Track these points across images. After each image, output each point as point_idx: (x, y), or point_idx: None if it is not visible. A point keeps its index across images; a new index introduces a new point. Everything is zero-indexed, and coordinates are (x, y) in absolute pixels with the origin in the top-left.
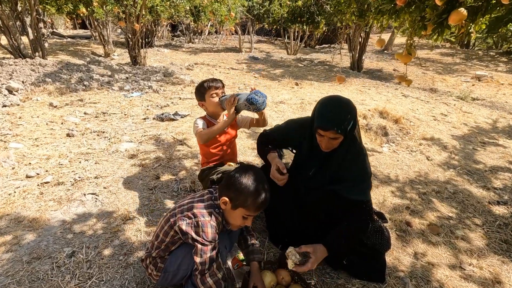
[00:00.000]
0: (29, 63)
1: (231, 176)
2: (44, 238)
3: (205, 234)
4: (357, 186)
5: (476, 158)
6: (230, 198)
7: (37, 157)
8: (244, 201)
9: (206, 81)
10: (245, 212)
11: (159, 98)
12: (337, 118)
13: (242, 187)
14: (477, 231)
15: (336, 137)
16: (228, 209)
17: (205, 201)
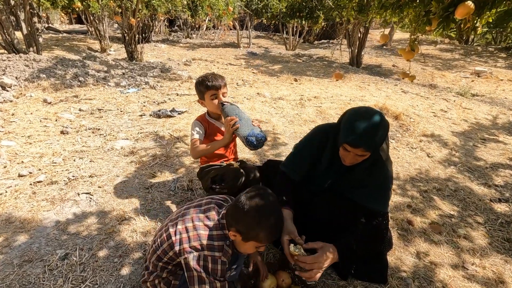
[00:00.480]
0: (22, 59)
1: (238, 207)
2: (36, 240)
3: (214, 272)
4: (377, 195)
5: (476, 155)
6: (240, 232)
7: (30, 155)
8: (256, 236)
9: (206, 78)
10: (257, 244)
11: (156, 94)
12: (369, 135)
13: (252, 222)
14: (479, 229)
15: (365, 154)
16: (239, 241)
17: (213, 228)
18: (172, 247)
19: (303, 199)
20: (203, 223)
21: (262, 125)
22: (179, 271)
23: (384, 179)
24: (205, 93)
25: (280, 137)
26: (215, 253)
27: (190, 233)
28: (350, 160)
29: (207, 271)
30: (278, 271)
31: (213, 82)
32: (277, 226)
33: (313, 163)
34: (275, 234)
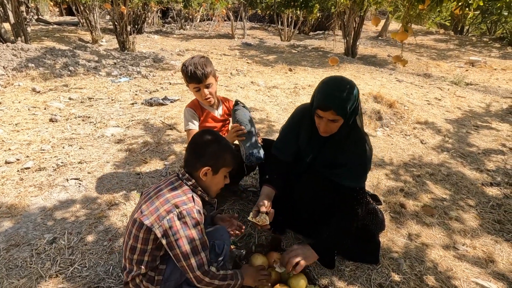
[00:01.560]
0: (10, 48)
1: (197, 146)
2: (23, 224)
3: (196, 227)
4: (352, 173)
5: (469, 141)
6: (209, 165)
7: (17, 142)
8: (225, 160)
9: (186, 69)
10: (226, 170)
11: (148, 83)
12: (338, 97)
13: (216, 149)
14: (470, 212)
15: (336, 119)
16: (210, 178)
17: (178, 188)
18: (142, 225)
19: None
20: (168, 190)
21: (256, 113)
22: (160, 266)
23: (361, 154)
24: (188, 85)
25: (275, 125)
26: (188, 205)
27: (155, 203)
28: (324, 127)
29: (188, 234)
30: (270, 252)
31: (193, 74)
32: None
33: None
34: (235, 156)
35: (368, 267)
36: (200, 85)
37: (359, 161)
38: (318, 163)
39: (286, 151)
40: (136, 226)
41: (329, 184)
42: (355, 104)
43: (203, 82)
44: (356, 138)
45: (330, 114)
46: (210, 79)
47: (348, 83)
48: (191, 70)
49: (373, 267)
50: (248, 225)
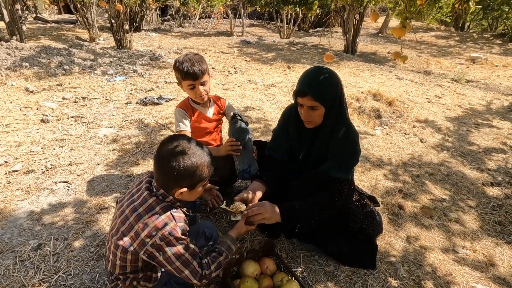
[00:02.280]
0: (4, 47)
1: (167, 165)
2: (8, 230)
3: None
4: (338, 164)
5: (470, 139)
6: (186, 185)
7: (6, 144)
8: (201, 174)
9: (181, 65)
10: (204, 183)
11: (144, 82)
12: (315, 83)
13: (190, 166)
14: (470, 213)
15: (314, 105)
16: (187, 195)
17: (155, 206)
18: (126, 250)
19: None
20: (146, 214)
21: (253, 112)
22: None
23: (347, 148)
24: (182, 82)
25: (272, 124)
26: (169, 225)
27: (134, 228)
28: (304, 115)
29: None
30: (263, 258)
31: (190, 70)
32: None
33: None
34: (211, 161)
35: (364, 272)
36: (195, 82)
37: (347, 153)
38: (311, 160)
39: (279, 150)
40: (120, 250)
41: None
42: (335, 92)
43: (199, 79)
44: (343, 129)
45: (308, 100)
46: (205, 76)
47: (328, 71)
48: (187, 66)
49: (369, 272)
50: None
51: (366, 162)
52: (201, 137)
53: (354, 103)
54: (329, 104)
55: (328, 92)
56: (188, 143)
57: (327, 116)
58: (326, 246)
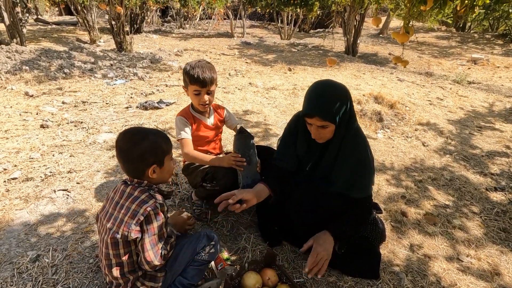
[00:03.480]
0: (4, 50)
1: (128, 152)
2: (6, 241)
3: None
4: (357, 183)
5: (472, 143)
6: (153, 162)
7: (5, 150)
8: (163, 149)
9: (192, 70)
10: (170, 156)
11: (144, 85)
12: (323, 103)
13: (149, 145)
14: (474, 219)
15: (324, 124)
16: (159, 172)
17: (133, 192)
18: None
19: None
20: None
21: (253, 116)
22: None
23: (359, 163)
24: (189, 86)
25: (272, 128)
26: (149, 203)
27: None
28: (314, 134)
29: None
30: (264, 269)
31: (200, 76)
32: (159, 131)
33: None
34: (165, 135)
35: (368, 282)
36: (202, 89)
37: (359, 169)
38: (318, 171)
39: (289, 162)
40: (112, 247)
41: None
42: (345, 107)
43: (206, 87)
44: (351, 142)
45: (316, 121)
46: (213, 86)
47: (333, 86)
48: (198, 72)
49: (373, 282)
50: (242, 238)
51: None
52: (201, 146)
53: (356, 106)
54: (339, 120)
55: (337, 110)
56: (137, 128)
57: (338, 129)
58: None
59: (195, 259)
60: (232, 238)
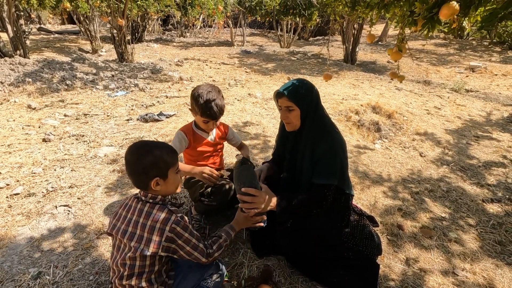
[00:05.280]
0: (8, 62)
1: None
2: (8, 258)
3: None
4: (319, 171)
5: (469, 153)
6: (158, 175)
7: (8, 165)
8: (165, 162)
9: (206, 104)
10: (175, 169)
11: (145, 97)
12: (290, 86)
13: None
14: (470, 232)
15: (290, 106)
16: (163, 184)
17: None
18: (144, 257)
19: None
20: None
21: (252, 127)
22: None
23: (328, 149)
24: (199, 114)
25: (271, 140)
26: (171, 218)
27: (144, 236)
28: (283, 116)
29: (185, 239)
30: (261, 285)
31: (212, 112)
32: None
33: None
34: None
35: None
36: (211, 122)
37: (328, 156)
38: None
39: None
40: (139, 260)
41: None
42: (310, 96)
43: (216, 120)
44: (318, 130)
45: (284, 101)
46: (220, 117)
47: (305, 81)
48: (210, 107)
49: None
50: (240, 253)
51: (366, 179)
52: (201, 160)
53: (354, 116)
54: (304, 107)
55: (302, 95)
56: (143, 142)
57: (304, 120)
58: (325, 277)
59: (201, 284)
60: (230, 253)
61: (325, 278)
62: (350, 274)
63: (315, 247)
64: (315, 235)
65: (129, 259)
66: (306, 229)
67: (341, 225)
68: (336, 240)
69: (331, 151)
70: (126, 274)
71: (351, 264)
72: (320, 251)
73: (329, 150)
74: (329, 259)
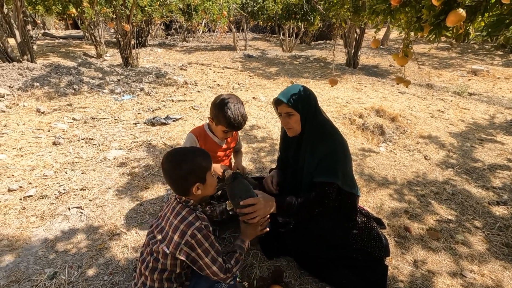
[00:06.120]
0: (16, 67)
1: (172, 174)
2: (24, 258)
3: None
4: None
5: (474, 156)
6: (196, 180)
7: (20, 168)
8: (202, 167)
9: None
10: (211, 171)
11: (151, 100)
12: (288, 92)
13: (189, 165)
14: (477, 234)
15: (289, 111)
16: (203, 188)
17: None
18: (166, 254)
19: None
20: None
21: (258, 131)
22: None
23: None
24: (221, 124)
25: (276, 143)
26: (195, 224)
27: (169, 233)
28: (284, 122)
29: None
30: (272, 286)
31: (239, 125)
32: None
33: None
34: (204, 151)
35: None
36: (231, 132)
37: (328, 157)
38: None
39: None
40: (161, 255)
41: None
42: (308, 101)
43: (238, 130)
44: (325, 142)
45: (284, 108)
46: None
47: (302, 87)
48: (236, 119)
49: None
50: (250, 254)
51: (371, 182)
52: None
53: (358, 120)
54: (303, 111)
55: (300, 100)
56: (178, 150)
57: (304, 125)
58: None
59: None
60: None
61: (334, 279)
62: (359, 275)
63: (320, 247)
64: (318, 235)
65: (156, 253)
66: (309, 228)
67: (348, 225)
68: (342, 240)
69: (331, 151)
70: (151, 266)
71: (360, 265)
72: (327, 252)
73: (329, 150)
74: (337, 260)
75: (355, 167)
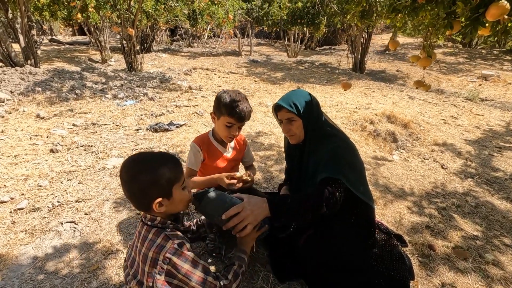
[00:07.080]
0: (18, 72)
1: (130, 185)
2: (9, 281)
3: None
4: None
5: (493, 165)
6: (160, 195)
7: (14, 177)
8: (167, 179)
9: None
10: (180, 184)
11: (154, 106)
12: (289, 97)
13: (149, 176)
14: (508, 253)
15: (291, 117)
16: (168, 204)
17: (148, 235)
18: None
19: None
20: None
21: (265, 137)
22: None
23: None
24: (223, 117)
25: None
26: (166, 247)
27: (140, 265)
28: (285, 129)
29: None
30: None
31: (241, 112)
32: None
33: None
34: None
35: None
36: (237, 124)
37: (331, 155)
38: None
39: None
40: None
41: None
42: (309, 105)
43: (242, 123)
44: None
45: (284, 113)
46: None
47: (302, 91)
48: (239, 106)
49: None
50: (259, 276)
51: (387, 193)
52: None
53: (369, 126)
54: (305, 116)
55: (301, 104)
56: (140, 156)
57: (307, 130)
58: None
59: None
60: (248, 276)
61: None
62: None
63: (337, 266)
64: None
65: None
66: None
67: (366, 244)
68: (363, 263)
69: (333, 150)
70: None
71: None
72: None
73: (331, 150)
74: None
75: (369, 177)
